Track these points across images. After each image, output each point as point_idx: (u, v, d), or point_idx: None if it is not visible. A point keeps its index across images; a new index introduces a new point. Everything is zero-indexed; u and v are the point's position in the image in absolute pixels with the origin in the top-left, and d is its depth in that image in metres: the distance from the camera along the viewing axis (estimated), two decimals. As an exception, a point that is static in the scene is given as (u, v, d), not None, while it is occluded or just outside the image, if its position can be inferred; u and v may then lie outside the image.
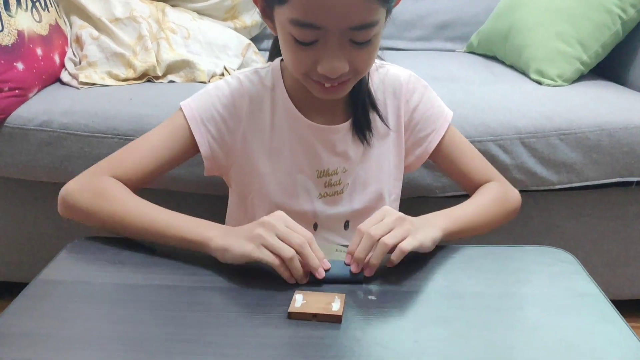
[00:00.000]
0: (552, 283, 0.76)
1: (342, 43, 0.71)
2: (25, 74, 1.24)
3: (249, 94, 0.85)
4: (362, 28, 0.71)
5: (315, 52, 0.72)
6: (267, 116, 0.86)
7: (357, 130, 0.87)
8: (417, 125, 0.91)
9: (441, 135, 0.91)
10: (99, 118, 1.20)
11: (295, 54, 0.74)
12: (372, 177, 0.90)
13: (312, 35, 0.71)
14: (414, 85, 0.90)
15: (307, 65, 0.74)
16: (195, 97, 0.86)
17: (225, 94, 0.85)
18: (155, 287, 0.71)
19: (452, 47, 1.90)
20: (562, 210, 1.33)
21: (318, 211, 0.89)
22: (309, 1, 0.68)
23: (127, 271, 0.75)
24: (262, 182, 0.88)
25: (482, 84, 1.46)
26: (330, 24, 0.69)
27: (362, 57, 0.75)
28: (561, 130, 1.23)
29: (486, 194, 0.89)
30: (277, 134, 0.86)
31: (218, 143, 0.86)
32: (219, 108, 0.85)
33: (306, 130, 0.86)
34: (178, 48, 1.45)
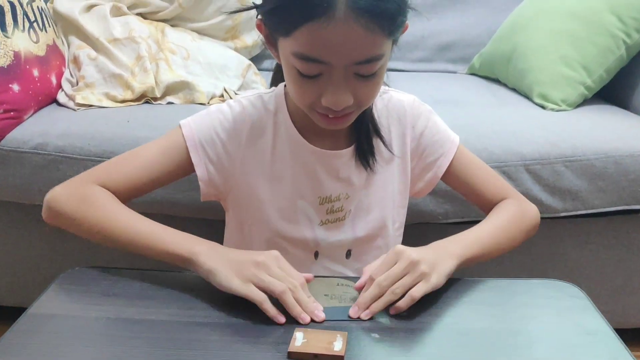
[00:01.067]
0: (560, 319, 0.74)
1: (346, 76, 0.70)
2: (20, 95, 1.22)
3: (251, 119, 0.84)
4: (367, 62, 0.70)
5: (319, 84, 0.71)
6: (268, 141, 0.85)
7: (360, 156, 0.85)
8: (425, 150, 0.89)
9: (450, 158, 0.89)
10: (95, 141, 1.18)
11: (299, 86, 0.73)
12: (375, 204, 0.88)
13: (316, 69, 0.70)
14: (418, 110, 0.89)
15: (311, 97, 0.73)
16: (196, 117, 0.85)
17: (227, 118, 0.84)
18: (150, 322, 0.68)
19: (453, 68, 1.89)
20: (566, 238, 1.31)
21: (319, 239, 0.87)
22: (313, 37, 0.67)
23: (121, 304, 0.72)
24: (261, 208, 0.86)
25: (485, 108, 1.45)
26: (335, 60, 0.68)
27: (367, 90, 0.73)
28: (566, 156, 1.21)
29: (502, 213, 0.87)
30: (279, 159, 0.85)
31: (216, 167, 0.84)
32: (219, 131, 0.83)
33: (309, 156, 0.85)
34: (177, 69, 1.43)
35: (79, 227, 0.78)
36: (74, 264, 1.03)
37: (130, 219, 0.76)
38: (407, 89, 0.92)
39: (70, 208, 0.78)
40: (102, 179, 0.81)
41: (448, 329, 0.70)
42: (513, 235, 0.85)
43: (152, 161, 0.82)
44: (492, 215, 0.87)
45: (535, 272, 1.31)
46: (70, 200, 0.78)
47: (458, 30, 1.88)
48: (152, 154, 0.83)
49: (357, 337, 0.67)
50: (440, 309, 0.73)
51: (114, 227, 0.75)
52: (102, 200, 0.78)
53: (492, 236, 0.82)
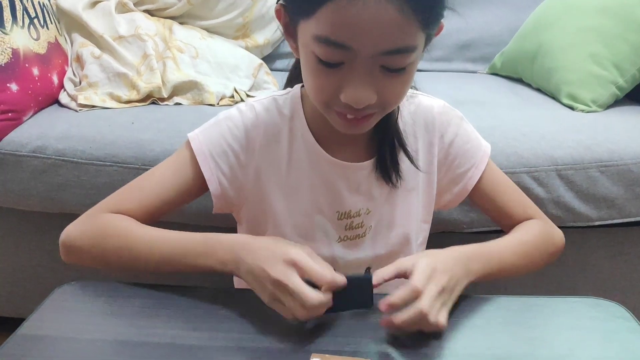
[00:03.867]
0: (608, 344, 0.68)
1: (371, 69, 0.62)
2: (19, 95, 1.16)
3: (265, 125, 0.77)
4: (398, 53, 0.61)
5: (339, 76, 0.63)
6: (284, 149, 0.78)
7: (382, 170, 0.78)
8: (455, 161, 0.82)
9: (481, 170, 0.82)
10: (97, 144, 1.12)
11: (317, 77, 0.65)
12: (397, 219, 0.82)
13: (338, 56, 0.62)
14: (447, 117, 0.82)
15: (330, 91, 0.65)
16: (204, 128, 0.79)
17: (237, 125, 0.77)
18: (151, 345, 0.63)
19: (473, 68, 1.83)
20: (599, 249, 1.24)
21: (337, 256, 0.81)
22: (338, 16, 0.59)
23: (120, 324, 0.67)
24: (275, 222, 0.79)
25: (510, 109, 1.38)
26: (361, 45, 0.60)
27: (393, 88, 0.65)
28: (602, 161, 1.14)
29: (528, 231, 0.81)
30: (295, 170, 0.78)
31: (228, 179, 0.78)
32: (230, 141, 0.77)
33: (327, 167, 0.78)
34: (185, 68, 1.37)
35: (102, 261, 0.74)
36: (75, 273, 0.98)
37: (149, 239, 0.72)
38: (426, 89, 0.86)
39: (88, 243, 0.74)
40: (114, 207, 0.76)
41: (482, 355, 0.64)
42: (536, 257, 0.80)
43: (164, 183, 0.77)
44: (517, 232, 0.81)
45: (564, 284, 1.24)
46: (86, 235, 0.74)
47: (478, 29, 1.81)
48: (163, 175, 0.78)
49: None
50: (471, 331, 0.68)
51: (140, 251, 0.71)
52: (119, 225, 0.74)
53: (514, 253, 0.77)
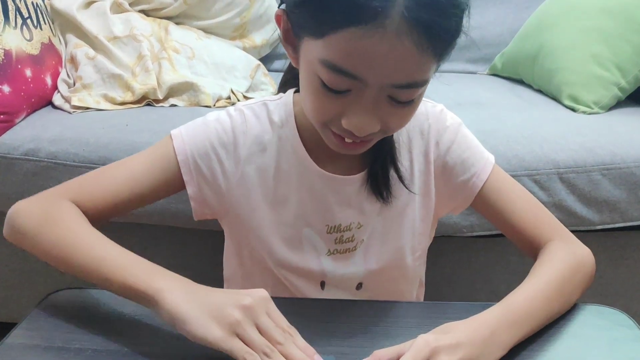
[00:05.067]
0: (610, 353, 0.65)
1: (378, 99, 0.59)
2: (11, 97, 1.14)
3: (253, 131, 0.74)
4: (408, 87, 0.58)
5: (343, 102, 0.60)
6: (271, 159, 0.74)
7: (373, 185, 0.74)
8: (453, 169, 0.77)
9: (483, 180, 0.76)
10: (90, 146, 1.10)
11: (318, 99, 0.61)
12: (391, 233, 0.77)
13: (345, 84, 0.58)
14: (444, 123, 0.77)
15: (331, 115, 0.62)
16: (189, 127, 0.74)
17: (225, 129, 0.73)
18: (142, 355, 0.60)
19: (473, 69, 1.81)
20: (601, 253, 1.21)
21: (326, 270, 0.77)
22: (352, 46, 0.55)
23: (110, 333, 0.64)
24: (261, 234, 0.76)
25: (511, 111, 1.36)
26: (372, 77, 0.57)
27: (398, 118, 0.62)
28: (604, 164, 1.13)
29: (553, 265, 0.70)
30: (283, 181, 0.74)
31: (210, 186, 0.74)
32: (215, 144, 0.73)
33: (317, 180, 0.74)
34: (181, 69, 1.35)
35: (38, 249, 0.67)
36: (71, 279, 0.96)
37: (91, 243, 0.65)
38: (428, 92, 0.82)
39: (31, 225, 0.67)
40: (76, 193, 0.70)
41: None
42: (568, 296, 0.70)
43: (136, 175, 0.72)
44: (542, 271, 0.70)
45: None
46: (32, 217, 0.68)
47: (478, 29, 1.78)
48: (136, 167, 0.72)
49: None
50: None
51: (72, 250, 0.64)
52: (66, 219, 0.67)
53: (546, 303, 0.66)
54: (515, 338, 0.62)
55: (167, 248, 1.25)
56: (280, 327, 0.57)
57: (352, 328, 0.66)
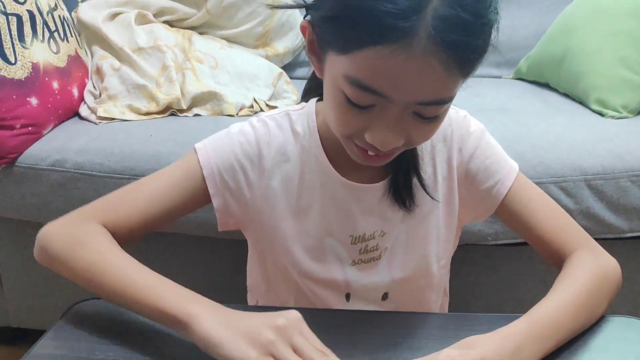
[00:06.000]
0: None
1: (403, 115, 0.58)
2: (39, 109, 1.17)
3: (277, 142, 0.74)
4: (434, 104, 0.58)
5: (367, 117, 0.59)
6: (295, 169, 0.74)
7: (395, 193, 0.74)
8: (477, 176, 0.76)
9: (507, 187, 0.75)
10: (115, 157, 1.11)
11: (342, 114, 0.61)
12: (415, 241, 0.76)
13: (369, 100, 0.58)
14: (467, 130, 0.76)
15: (354, 129, 0.61)
16: (213, 140, 0.74)
17: (249, 140, 0.73)
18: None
19: (498, 73, 1.77)
20: (631, 261, 1.19)
21: (350, 280, 0.76)
22: (377, 64, 0.54)
23: (133, 344, 0.64)
24: (284, 244, 0.75)
25: (536, 116, 1.33)
26: (398, 95, 0.56)
27: (423, 133, 0.62)
28: (633, 171, 1.10)
29: (578, 278, 0.68)
30: (306, 191, 0.74)
31: (235, 197, 0.74)
32: (240, 157, 0.73)
33: (340, 189, 0.74)
34: (205, 79, 1.36)
35: (70, 272, 0.68)
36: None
37: (122, 266, 0.65)
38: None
39: (62, 249, 0.68)
40: (104, 214, 0.71)
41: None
42: (595, 308, 0.68)
43: (162, 192, 0.72)
44: (568, 283, 0.68)
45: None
46: (62, 240, 0.68)
47: (503, 32, 1.71)
48: (162, 184, 0.73)
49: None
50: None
51: (103, 274, 0.65)
52: (97, 242, 0.68)
53: (569, 315, 0.64)
54: (541, 352, 0.60)
55: (192, 257, 1.26)
56: (314, 347, 0.56)
57: (375, 340, 0.65)
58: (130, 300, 0.63)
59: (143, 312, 0.63)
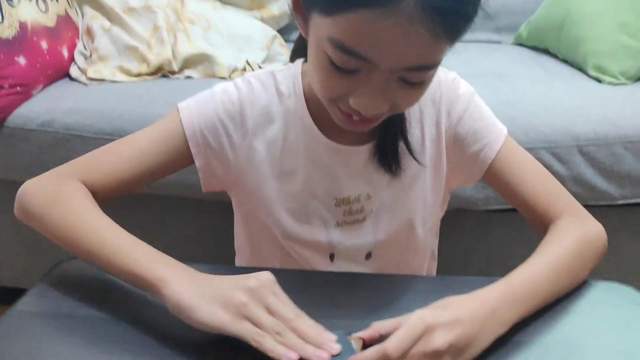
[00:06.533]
0: (620, 333, 0.63)
1: (388, 80, 0.57)
2: (27, 69, 1.15)
3: (261, 102, 0.72)
4: (420, 70, 0.57)
5: (352, 82, 0.58)
6: (279, 130, 0.73)
7: (381, 157, 0.73)
8: (465, 140, 0.74)
9: (496, 150, 0.74)
10: (105, 118, 1.11)
11: (326, 78, 0.59)
12: (400, 204, 0.76)
13: (353, 65, 0.56)
14: (456, 92, 0.74)
15: (338, 93, 0.60)
16: (197, 99, 0.73)
17: (232, 100, 0.72)
18: (147, 324, 0.60)
19: (498, 38, 1.76)
20: (622, 230, 1.19)
21: (334, 241, 0.76)
22: (362, 28, 0.52)
23: (115, 302, 0.64)
24: (268, 206, 0.75)
25: (533, 82, 1.32)
26: (382, 60, 0.55)
27: (408, 98, 0.61)
28: (627, 137, 1.09)
29: (561, 241, 0.68)
30: (290, 153, 0.73)
31: (217, 157, 0.73)
32: (222, 117, 0.72)
33: (325, 152, 0.73)
34: (197, 40, 1.34)
35: (45, 229, 0.67)
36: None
37: (99, 226, 0.64)
38: (445, 61, 0.79)
39: (38, 206, 0.67)
40: (84, 172, 0.70)
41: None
42: (576, 273, 0.67)
43: (144, 151, 0.71)
44: (550, 247, 0.68)
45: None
46: (39, 197, 0.68)
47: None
48: (144, 143, 0.71)
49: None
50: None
51: (79, 233, 0.64)
52: (73, 200, 0.67)
53: (552, 280, 0.64)
54: (518, 315, 0.60)
55: (181, 219, 1.26)
56: (288, 307, 0.56)
57: (359, 302, 0.65)
58: (104, 261, 0.62)
59: (116, 274, 0.62)
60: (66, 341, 0.58)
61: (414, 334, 0.52)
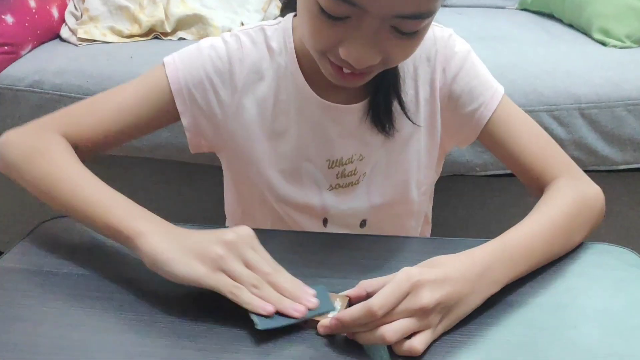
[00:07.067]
0: (617, 294, 0.62)
1: (380, 29, 0.55)
2: (15, 28, 1.13)
3: (250, 59, 0.70)
4: (413, 18, 0.54)
5: (343, 29, 0.56)
6: (269, 88, 0.70)
7: (374, 116, 0.70)
8: (460, 98, 0.72)
9: (491, 110, 0.71)
10: (94, 79, 1.09)
11: (316, 26, 0.57)
12: (396, 166, 0.74)
13: (344, 10, 0.54)
14: (452, 49, 0.71)
15: (328, 43, 0.58)
16: (183, 53, 0.71)
17: (220, 56, 0.69)
18: (128, 281, 0.59)
19: (502, 3, 1.74)
20: (624, 195, 1.17)
21: (328, 205, 0.74)
22: None
23: (98, 261, 0.64)
24: (260, 168, 0.73)
25: (535, 45, 1.30)
26: (374, 6, 0.52)
27: (401, 50, 0.58)
28: (630, 99, 1.06)
29: (557, 203, 0.67)
30: (281, 112, 0.71)
31: (205, 116, 0.71)
32: (210, 72, 0.69)
33: (316, 110, 0.70)
34: (190, 1, 1.31)
35: (25, 181, 0.66)
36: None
37: (76, 179, 0.63)
38: (447, 25, 0.76)
39: (19, 157, 0.66)
40: (66, 126, 0.68)
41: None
42: (572, 235, 0.66)
43: (127, 107, 0.69)
44: (545, 207, 0.67)
45: (587, 232, 1.19)
46: (20, 148, 0.66)
47: None
48: (128, 97, 0.69)
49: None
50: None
51: (57, 186, 0.63)
52: (55, 153, 0.66)
53: (544, 241, 0.63)
54: (511, 275, 0.59)
55: (175, 183, 1.25)
56: (266, 262, 0.55)
57: (351, 262, 0.64)
58: (81, 214, 0.61)
59: (93, 226, 0.61)
60: (47, 297, 0.58)
61: (400, 291, 0.51)
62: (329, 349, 0.51)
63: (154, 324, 0.53)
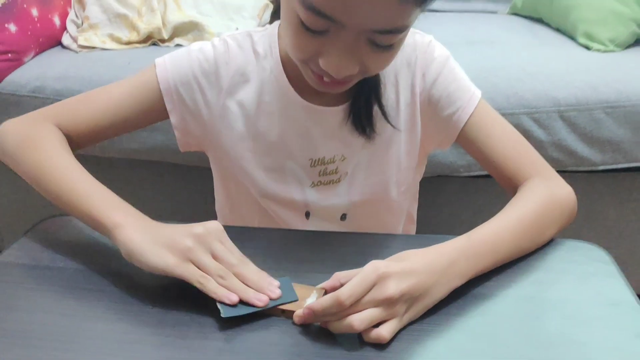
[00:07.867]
0: (580, 287, 0.64)
1: (357, 42, 0.58)
2: (18, 36, 1.17)
3: (236, 62, 0.74)
4: (388, 33, 0.57)
5: (322, 42, 0.59)
6: (254, 90, 0.74)
7: (355, 119, 0.73)
8: (439, 103, 0.75)
9: (468, 114, 0.74)
10: (93, 84, 1.11)
11: (297, 38, 0.61)
12: (376, 166, 0.77)
13: (322, 25, 0.57)
14: (431, 55, 0.75)
15: (309, 54, 0.61)
16: (174, 56, 0.75)
17: (207, 58, 0.74)
18: (119, 274, 0.63)
19: (494, 8, 1.76)
20: (605, 195, 1.19)
21: (310, 201, 0.78)
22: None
23: (92, 256, 0.67)
24: (244, 166, 0.77)
25: (521, 49, 1.32)
26: (351, 21, 0.56)
27: (378, 61, 0.61)
28: (608, 102, 1.08)
29: (528, 201, 0.69)
30: (265, 113, 0.74)
31: (192, 115, 0.75)
32: (197, 74, 0.73)
33: (300, 112, 0.74)
34: (187, 9, 1.35)
35: (18, 169, 0.70)
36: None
37: (65, 169, 0.67)
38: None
39: (13, 145, 0.70)
40: (60, 117, 0.73)
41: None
42: (540, 232, 0.69)
43: (119, 102, 0.73)
44: (516, 204, 0.69)
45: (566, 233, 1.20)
46: (15, 137, 0.70)
47: None
48: (120, 93, 0.74)
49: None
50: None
51: (47, 175, 0.67)
52: (47, 142, 0.70)
53: (513, 236, 0.65)
54: (476, 269, 0.62)
55: (170, 184, 1.28)
56: (233, 254, 0.58)
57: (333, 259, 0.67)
58: (68, 204, 0.65)
59: (79, 217, 0.65)
60: (42, 289, 0.61)
61: (367, 282, 0.54)
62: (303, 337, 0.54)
63: (141, 314, 0.57)
